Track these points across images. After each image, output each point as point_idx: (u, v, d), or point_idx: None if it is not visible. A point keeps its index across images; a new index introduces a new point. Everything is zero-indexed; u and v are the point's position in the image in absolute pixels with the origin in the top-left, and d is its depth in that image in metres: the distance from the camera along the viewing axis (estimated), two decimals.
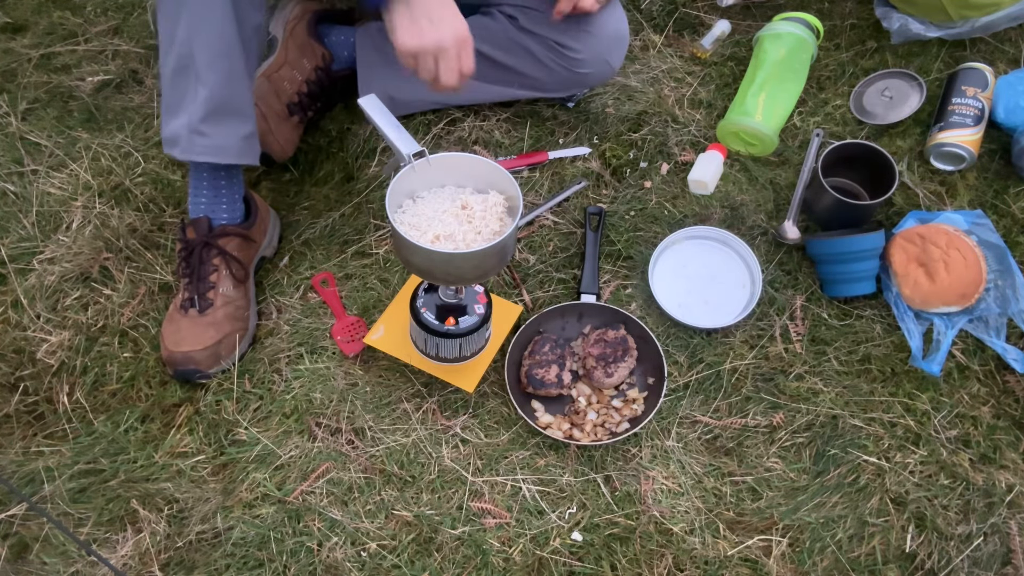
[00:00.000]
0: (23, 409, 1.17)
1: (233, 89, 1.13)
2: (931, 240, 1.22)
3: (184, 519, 1.08)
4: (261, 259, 1.29)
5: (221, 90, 1.11)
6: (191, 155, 1.14)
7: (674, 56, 1.56)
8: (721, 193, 1.38)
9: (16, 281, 1.28)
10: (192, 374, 1.16)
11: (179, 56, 1.08)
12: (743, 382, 1.20)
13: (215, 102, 1.11)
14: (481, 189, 1.05)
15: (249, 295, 1.24)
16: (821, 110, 1.47)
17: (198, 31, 1.06)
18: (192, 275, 1.19)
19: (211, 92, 1.10)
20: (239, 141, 1.17)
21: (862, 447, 1.14)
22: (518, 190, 0.99)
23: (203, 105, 1.11)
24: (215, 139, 1.14)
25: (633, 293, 1.28)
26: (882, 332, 1.24)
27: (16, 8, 1.64)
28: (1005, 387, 1.19)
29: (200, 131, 1.13)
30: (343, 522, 1.08)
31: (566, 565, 1.06)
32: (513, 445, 1.14)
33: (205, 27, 1.06)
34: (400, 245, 0.98)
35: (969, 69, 1.41)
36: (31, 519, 1.08)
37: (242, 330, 1.20)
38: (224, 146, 1.16)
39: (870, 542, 1.07)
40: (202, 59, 1.08)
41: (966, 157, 1.35)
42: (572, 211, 1.36)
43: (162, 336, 1.18)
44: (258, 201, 1.28)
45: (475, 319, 1.09)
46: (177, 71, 1.10)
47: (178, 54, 1.08)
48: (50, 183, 1.38)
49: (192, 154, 1.14)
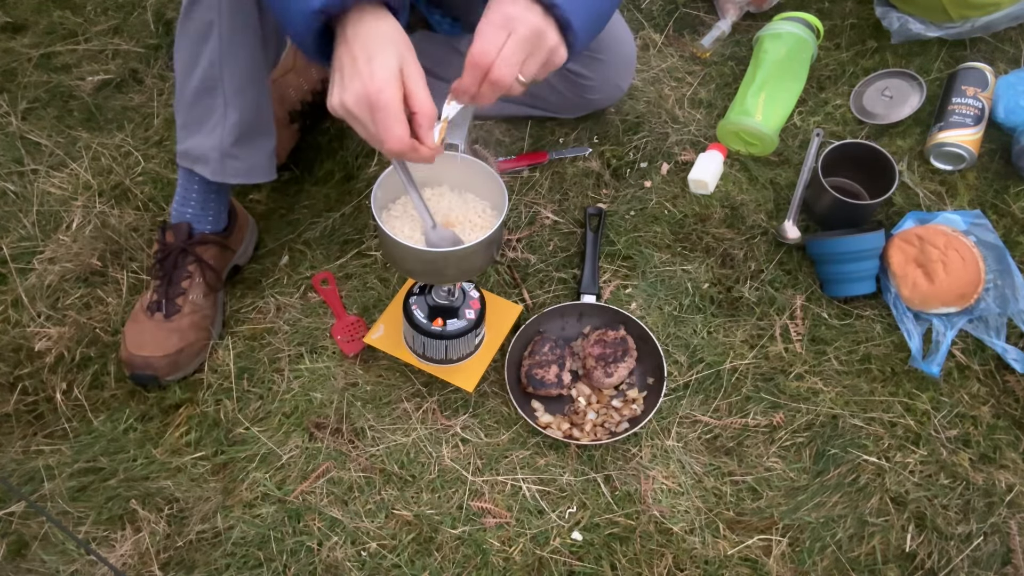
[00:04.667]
0: (23, 408, 1.17)
1: (261, 111, 1.14)
2: (929, 241, 1.22)
3: (184, 518, 1.08)
4: (234, 267, 1.28)
5: (252, 114, 1.12)
6: (224, 177, 1.15)
7: (674, 56, 1.56)
8: (721, 193, 1.38)
9: (17, 280, 1.28)
10: (149, 379, 1.16)
11: (205, 78, 1.08)
12: (743, 382, 1.20)
13: (246, 126, 1.12)
14: (468, 189, 1.04)
15: (217, 305, 1.23)
16: (821, 110, 1.47)
17: (228, 57, 1.06)
18: (165, 278, 1.18)
19: (241, 116, 1.11)
20: (266, 160, 1.18)
21: (862, 447, 1.14)
22: (504, 191, 0.98)
23: (234, 130, 1.11)
24: (246, 161, 1.15)
25: (633, 293, 1.28)
26: (882, 332, 1.24)
27: (16, 8, 1.64)
28: (1005, 387, 1.19)
29: (232, 155, 1.13)
30: (343, 522, 1.08)
31: (566, 565, 1.06)
32: (513, 445, 1.14)
33: (236, 53, 1.06)
34: (385, 243, 0.98)
35: (969, 69, 1.41)
36: (30, 517, 1.08)
37: (205, 340, 1.20)
38: (254, 167, 1.17)
39: (870, 542, 1.07)
40: (232, 84, 1.08)
41: (966, 157, 1.35)
42: (572, 211, 1.36)
43: (124, 334, 1.18)
44: (238, 209, 1.28)
45: (464, 323, 1.10)
46: (202, 91, 1.09)
47: (204, 76, 1.07)
48: (50, 183, 1.38)
49: (225, 176, 1.15)
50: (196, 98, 1.10)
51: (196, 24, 1.04)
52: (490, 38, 0.83)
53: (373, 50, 0.81)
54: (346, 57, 0.81)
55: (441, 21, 1.46)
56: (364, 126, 0.82)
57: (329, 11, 0.80)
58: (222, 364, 1.20)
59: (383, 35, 0.82)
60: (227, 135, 1.12)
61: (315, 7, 0.80)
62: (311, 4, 0.80)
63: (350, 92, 0.81)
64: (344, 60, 0.82)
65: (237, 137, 1.12)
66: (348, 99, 0.81)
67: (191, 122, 1.13)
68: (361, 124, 0.82)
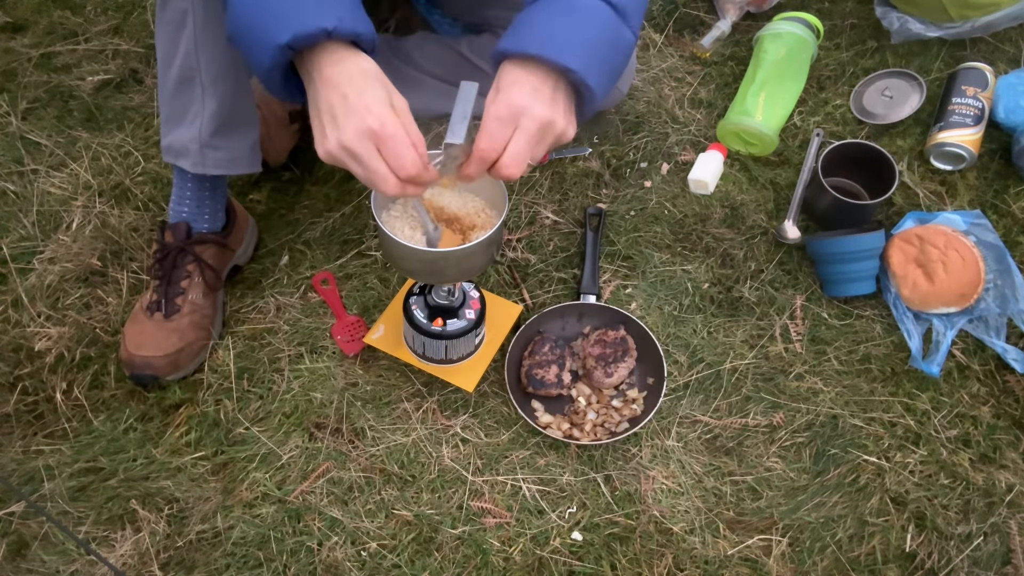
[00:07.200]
0: (23, 408, 1.17)
1: (241, 101, 1.13)
2: (929, 241, 1.22)
3: (184, 518, 1.08)
4: (234, 267, 1.28)
5: (231, 103, 1.11)
6: (204, 169, 1.13)
7: (674, 56, 1.56)
8: (721, 193, 1.38)
9: (17, 280, 1.28)
10: (148, 379, 1.16)
11: (183, 68, 1.07)
12: (743, 382, 1.20)
13: (224, 115, 1.11)
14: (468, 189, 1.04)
15: (217, 304, 1.23)
16: (821, 110, 1.47)
17: (204, 45, 1.05)
18: (164, 278, 1.18)
19: (220, 106, 1.10)
20: (248, 151, 1.17)
21: (862, 447, 1.14)
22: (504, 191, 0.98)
23: (213, 119, 1.10)
24: (227, 152, 1.14)
25: (633, 293, 1.28)
26: (882, 332, 1.24)
27: (16, 8, 1.64)
28: (1005, 387, 1.19)
29: (212, 145, 1.12)
30: (343, 521, 1.08)
31: (566, 565, 1.06)
32: (513, 445, 1.14)
33: (211, 41, 1.05)
34: (385, 243, 0.98)
35: (969, 69, 1.41)
36: (30, 517, 1.08)
37: (205, 340, 1.20)
38: (236, 158, 1.16)
39: (870, 542, 1.07)
40: (208, 73, 1.07)
41: (966, 157, 1.35)
42: (572, 211, 1.36)
43: (124, 335, 1.18)
44: (238, 209, 1.28)
45: (464, 323, 1.10)
46: (181, 82, 1.08)
47: (182, 66, 1.07)
48: (50, 182, 1.38)
49: (205, 168, 1.13)
50: (176, 89, 1.09)
51: (171, 13, 1.04)
52: (495, 134, 0.81)
53: (362, 85, 0.78)
54: (335, 97, 0.78)
55: (441, 21, 1.47)
56: (367, 162, 0.78)
57: (297, 46, 0.78)
58: (222, 364, 1.20)
59: (365, 71, 0.80)
60: (206, 125, 1.10)
61: (282, 42, 0.77)
62: (277, 39, 0.77)
63: (349, 130, 0.77)
64: (333, 100, 0.78)
65: (217, 127, 1.11)
66: (348, 137, 0.77)
67: (173, 115, 1.12)
68: (364, 161, 0.78)
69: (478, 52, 1.35)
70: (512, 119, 0.81)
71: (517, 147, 0.81)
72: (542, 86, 0.82)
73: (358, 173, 0.80)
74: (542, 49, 0.81)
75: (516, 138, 0.81)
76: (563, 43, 0.82)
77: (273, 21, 0.78)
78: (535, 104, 0.81)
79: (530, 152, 0.82)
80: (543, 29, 0.83)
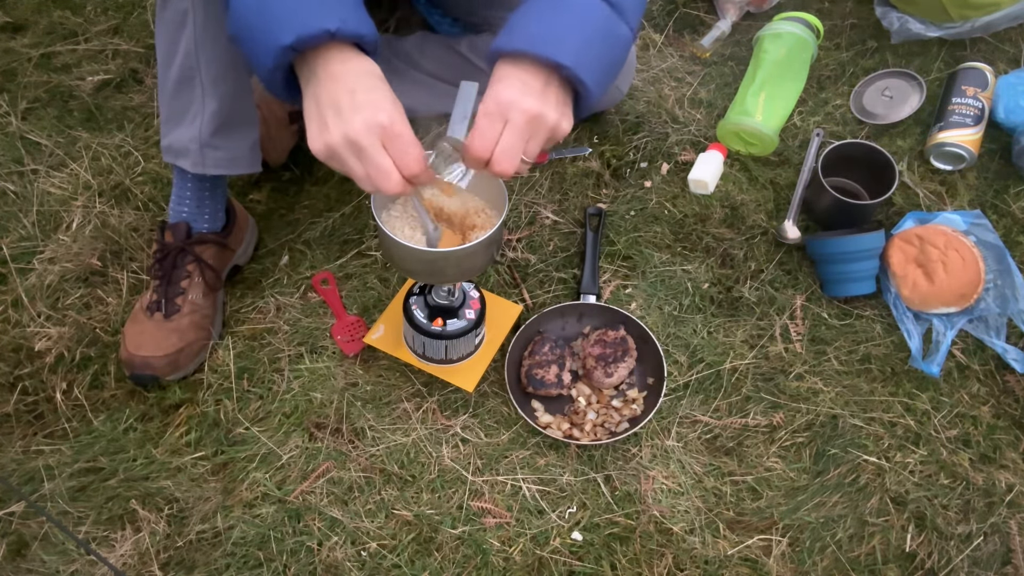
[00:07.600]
0: (23, 408, 1.17)
1: (241, 101, 1.13)
2: (929, 241, 1.22)
3: (184, 518, 1.08)
4: (234, 267, 1.28)
5: (231, 103, 1.11)
6: (204, 168, 1.13)
7: (674, 56, 1.56)
8: (721, 193, 1.38)
9: (17, 280, 1.28)
10: (148, 379, 1.16)
11: (183, 68, 1.07)
12: (743, 382, 1.20)
13: (224, 115, 1.11)
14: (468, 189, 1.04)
15: (217, 304, 1.23)
16: (821, 110, 1.47)
17: (204, 45, 1.05)
18: (164, 278, 1.18)
19: (220, 106, 1.10)
20: (248, 151, 1.17)
21: (862, 447, 1.14)
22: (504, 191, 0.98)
23: (213, 119, 1.10)
24: (227, 151, 1.14)
25: (633, 293, 1.28)
26: (882, 332, 1.24)
27: (16, 8, 1.64)
28: (1005, 387, 1.19)
29: (212, 145, 1.12)
30: (343, 521, 1.08)
31: (566, 565, 1.06)
32: (513, 445, 1.14)
33: (211, 40, 1.05)
34: (385, 243, 0.98)
35: (969, 69, 1.41)
36: (30, 517, 1.08)
37: (205, 340, 1.20)
38: (236, 157, 1.16)
39: (870, 542, 1.07)
40: (208, 73, 1.07)
41: (966, 157, 1.35)
42: (572, 211, 1.36)
43: (124, 335, 1.18)
44: (238, 209, 1.28)
45: (464, 323, 1.10)
46: (181, 82, 1.08)
47: (182, 66, 1.07)
48: (50, 183, 1.38)
49: (205, 167, 1.13)
50: (176, 89, 1.09)
51: (171, 14, 1.04)
52: (486, 131, 0.80)
53: (370, 84, 0.78)
54: (341, 91, 0.77)
55: (441, 21, 1.47)
56: (372, 156, 0.77)
57: (300, 47, 0.78)
58: (222, 364, 1.20)
59: (372, 72, 0.80)
60: (206, 125, 1.10)
61: (285, 43, 0.77)
62: (280, 40, 0.77)
63: (357, 123, 0.76)
64: (339, 94, 0.77)
65: (217, 127, 1.11)
66: (355, 129, 0.76)
67: (173, 115, 1.12)
68: (368, 155, 0.77)
69: (478, 52, 1.35)
70: (501, 115, 0.80)
71: (508, 142, 0.80)
72: (532, 80, 0.81)
73: (356, 170, 0.79)
74: (532, 45, 0.81)
75: (506, 133, 0.80)
76: (554, 39, 0.82)
77: (276, 22, 0.78)
78: (523, 98, 0.80)
79: (522, 146, 0.81)
80: (535, 26, 0.83)
